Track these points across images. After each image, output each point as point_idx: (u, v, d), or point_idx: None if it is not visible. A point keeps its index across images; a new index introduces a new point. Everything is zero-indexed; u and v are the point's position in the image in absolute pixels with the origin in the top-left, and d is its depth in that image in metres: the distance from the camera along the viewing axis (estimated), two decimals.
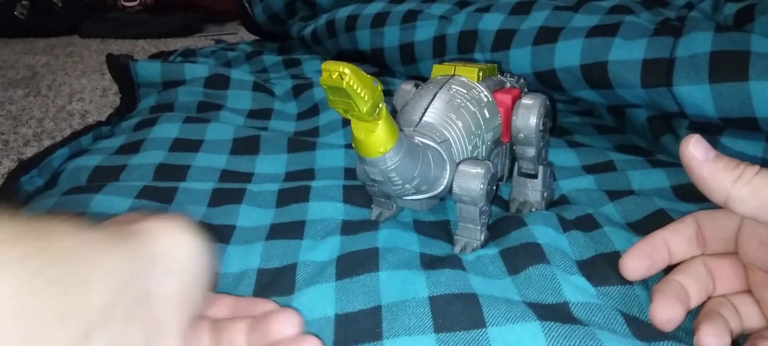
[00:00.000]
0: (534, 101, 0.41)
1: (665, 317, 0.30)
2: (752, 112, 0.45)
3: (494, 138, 0.41)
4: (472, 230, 0.38)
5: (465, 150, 0.37)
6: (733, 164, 0.28)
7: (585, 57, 0.56)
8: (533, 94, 0.42)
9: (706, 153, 0.28)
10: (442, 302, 0.31)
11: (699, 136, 0.29)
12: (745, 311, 0.30)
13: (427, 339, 0.29)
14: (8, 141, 0.75)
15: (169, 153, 0.55)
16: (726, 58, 0.47)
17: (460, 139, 0.37)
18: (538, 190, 0.44)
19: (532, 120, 0.41)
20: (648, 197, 0.44)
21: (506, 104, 0.42)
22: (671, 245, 0.33)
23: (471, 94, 0.39)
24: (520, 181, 0.44)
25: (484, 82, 0.41)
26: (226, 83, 0.72)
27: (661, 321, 0.30)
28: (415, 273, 0.34)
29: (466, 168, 0.36)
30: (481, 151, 0.39)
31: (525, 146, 0.42)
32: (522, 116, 0.42)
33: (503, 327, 0.29)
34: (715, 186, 0.28)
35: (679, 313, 0.30)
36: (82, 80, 1.08)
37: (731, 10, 0.57)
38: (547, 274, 0.34)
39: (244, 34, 1.34)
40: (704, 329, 0.28)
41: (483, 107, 0.39)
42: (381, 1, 0.83)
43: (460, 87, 0.39)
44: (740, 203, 0.27)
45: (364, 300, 0.32)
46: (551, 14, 0.63)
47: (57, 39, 1.56)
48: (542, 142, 0.43)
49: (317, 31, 0.92)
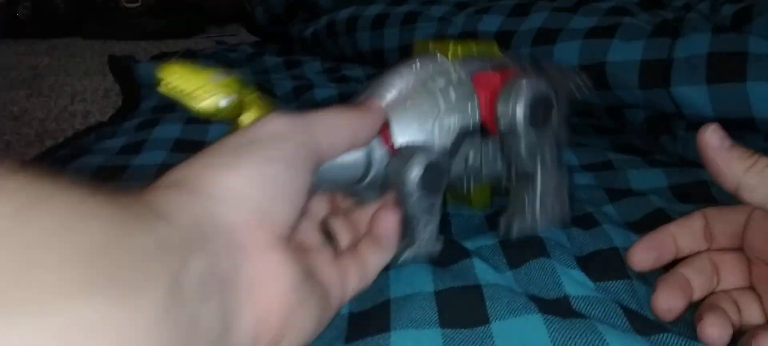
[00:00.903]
0: (523, 83, 0.34)
1: (666, 306, 0.30)
2: (750, 113, 0.46)
3: (461, 123, 0.34)
4: (411, 227, 0.33)
5: (411, 134, 0.32)
6: (747, 154, 0.29)
7: (583, 58, 0.56)
8: (526, 75, 0.35)
9: (722, 141, 0.29)
10: (447, 296, 0.31)
11: (717, 126, 0.30)
12: (746, 307, 0.31)
13: (433, 332, 0.29)
14: (10, 142, 0.75)
15: (171, 154, 0.55)
16: (724, 59, 0.47)
17: (407, 121, 0.32)
18: (535, 197, 0.36)
19: (516, 106, 0.34)
20: (646, 197, 0.44)
21: (491, 86, 0.35)
22: (678, 239, 0.33)
23: (438, 72, 0.34)
24: (518, 186, 0.37)
25: (465, 60, 0.35)
26: None
27: (661, 310, 0.30)
28: (422, 268, 0.34)
29: (402, 150, 0.32)
30: (436, 137, 0.33)
31: (511, 140, 0.35)
32: (503, 100, 0.34)
33: (506, 321, 0.29)
34: (728, 173, 0.29)
35: (680, 304, 0.30)
36: (84, 81, 1.08)
37: (729, 12, 0.57)
38: (547, 267, 0.34)
39: (245, 35, 1.35)
40: (707, 319, 0.29)
41: (448, 88, 0.34)
42: (381, 3, 0.84)
43: (427, 63, 0.34)
44: (750, 191, 0.28)
45: (373, 297, 0.33)
46: (550, 15, 0.63)
47: (59, 40, 1.57)
48: (538, 138, 0.35)
49: (318, 32, 0.92)
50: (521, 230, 0.36)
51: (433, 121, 0.33)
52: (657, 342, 0.28)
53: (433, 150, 0.32)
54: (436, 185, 0.32)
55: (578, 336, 0.28)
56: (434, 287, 0.32)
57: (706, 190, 0.46)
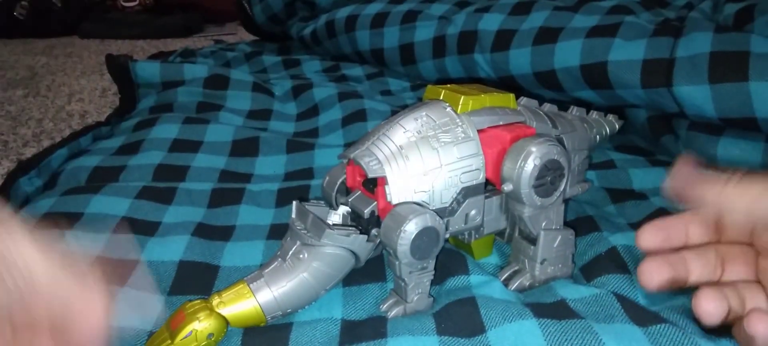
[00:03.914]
0: (532, 147, 0.32)
1: (648, 274, 0.30)
2: (752, 112, 0.45)
3: (463, 181, 0.32)
4: (402, 287, 0.32)
5: (409, 192, 0.31)
6: (711, 182, 0.29)
7: (585, 57, 0.56)
8: (539, 138, 0.33)
9: (688, 179, 0.30)
10: (444, 306, 0.31)
11: (681, 166, 0.30)
12: (751, 297, 0.30)
13: (430, 340, 0.29)
14: (7, 142, 0.75)
15: (169, 154, 0.54)
16: (726, 58, 0.47)
17: (405, 179, 0.31)
18: (536, 260, 0.34)
19: (522, 172, 0.31)
20: (648, 200, 0.44)
21: (499, 144, 0.33)
22: (690, 227, 0.33)
23: (443, 126, 0.32)
24: (519, 243, 0.35)
25: (475, 112, 0.33)
26: (226, 84, 0.72)
27: (644, 277, 0.30)
28: None
29: (396, 212, 0.30)
30: (435, 195, 0.31)
31: (516, 203, 0.33)
32: (510, 162, 0.32)
33: (502, 328, 0.29)
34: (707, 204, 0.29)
35: (665, 274, 0.30)
36: (81, 81, 1.07)
37: (731, 11, 0.57)
38: None
39: (244, 34, 1.34)
40: (704, 291, 0.28)
41: (452, 144, 0.32)
42: (381, 2, 0.83)
43: (433, 116, 0.32)
44: (731, 213, 0.29)
45: (370, 309, 0.33)
46: (551, 14, 0.63)
47: (56, 39, 1.56)
48: (543, 202, 0.33)
49: (317, 31, 0.92)
50: (520, 287, 0.35)
51: (433, 179, 0.31)
52: (654, 333, 0.28)
53: (428, 211, 0.30)
54: (428, 251, 0.30)
55: (574, 338, 0.28)
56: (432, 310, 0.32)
57: None
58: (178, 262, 0.37)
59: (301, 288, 0.31)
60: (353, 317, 0.32)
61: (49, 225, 0.40)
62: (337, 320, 0.32)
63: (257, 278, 0.30)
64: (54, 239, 0.22)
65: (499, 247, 0.39)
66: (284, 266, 0.31)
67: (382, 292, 0.34)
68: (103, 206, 0.43)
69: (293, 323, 0.31)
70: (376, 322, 0.31)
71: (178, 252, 0.38)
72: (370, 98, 0.66)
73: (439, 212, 0.31)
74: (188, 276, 0.36)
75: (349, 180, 0.34)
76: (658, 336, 0.28)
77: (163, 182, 0.49)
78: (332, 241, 0.31)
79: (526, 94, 0.43)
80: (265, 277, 0.30)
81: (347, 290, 0.35)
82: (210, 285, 0.36)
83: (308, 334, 0.30)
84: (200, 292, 0.35)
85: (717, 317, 0.28)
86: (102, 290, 0.22)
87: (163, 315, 0.33)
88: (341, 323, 0.32)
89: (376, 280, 0.35)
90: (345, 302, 0.34)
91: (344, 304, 0.33)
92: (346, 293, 0.34)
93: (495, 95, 0.34)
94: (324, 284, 0.31)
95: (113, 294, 0.24)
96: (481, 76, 0.68)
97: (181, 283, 0.36)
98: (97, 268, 0.22)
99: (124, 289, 0.34)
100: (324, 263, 0.31)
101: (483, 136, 0.33)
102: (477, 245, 0.37)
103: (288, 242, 0.32)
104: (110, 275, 0.23)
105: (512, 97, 0.35)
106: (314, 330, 0.31)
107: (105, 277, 0.22)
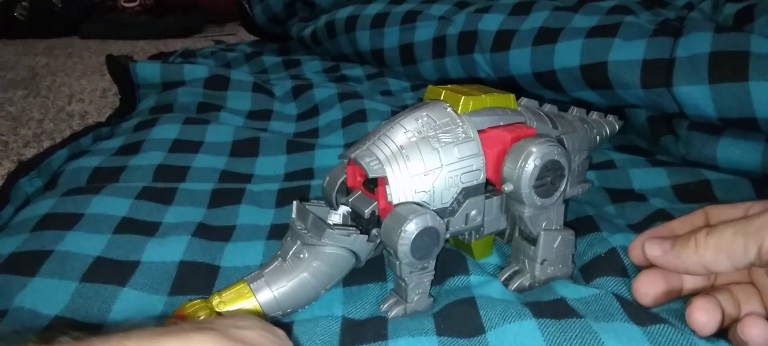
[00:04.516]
0: (532, 148, 0.32)
1: (643, 290, 0.31)
2: (752, 112, 0.45)
3: (463, 182, 0.32)
4: (402, 287, 0.32)
5: (409, 192, 0.31)
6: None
7: (585, 57, 0.56)
8: (539, 138, 0.33)
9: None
10: (444, 307, 0.31)
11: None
12: (746, 300, 0.31)
13: (429, 341, 0.29)
14: (8, 142, 0.75)
15: (169, 154, 0.55)
16: (726, 58, 0.47)
17: (405, 179, 0.31)
18: (535, 261, 0.34)
19: (523, 172, 0.32)
20: (648, 201, 0.44)
21: (500, 145, 0.33)
22: (679, 234, 0.33)
23: (443, 126, 0.32)
24: (519, 243, 0.35)
25: (476, 113, 0.33)
26: (226, 84, 0.72)
27: (638, 293, 0.32)
28: None
29: (396, 212, 0.30)
30: (435, 196, 0.31)
31: (516, 203, 0.34)
32: (510, 162, 0.32)
33: (501, 329, 0.29)
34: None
35: (659, 288, 0.31)
36: (81, 81, 1.08)
37: (731, 11, 0.57)
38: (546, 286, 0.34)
39: (244, 34, 1.34)
40: (696, 303, 0.29)
41: (453, 144, 0.32)
42: (381, 2, 0.83)
43: (434, 116, 0.32)
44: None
45: (370, 309, 0.33)
46: (551, 15, 0.63)
47: (57, 40, 1.56)
48: (544, 202, 0.33)
49: (317, 31, 0.92)
50: (520, 288, 0.35)
51: (434, 179, 0.31)
52: (653, 333, 0.28)
53: (429, 211, 0.30)
54: (428, 251, 0.30)
55: (574, 337, 0.28)
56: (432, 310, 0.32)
57: (708, 189, 0.46)
58: (179, 262, 0.37)
59: (301, 288, 0.31)
60: (354, 315, 0.32)
61: (49, 225, 0.41)
62: (337, 318, 0.32)
63: (257, 277, 0.30)
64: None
65: (499, 247, 0.39)
66: (284, 266, 0.31)
67: (383, 292, 0.34)
68: (104, 206, 0.43)
69: (294, 322, 0.31)
70: (376, 322, 0.31)
71: (179, 252, 0.38)
72: (371, 99, 0.66)
73: (439, 212, 0.31)
74: (188, 276, 0.36)
75: (349, 180, 0.34)
76: (657, 336, 0.28)
77: (164, 183, 0.49)
78: (333, 241, 0.31)
79: (526, 94, 0.43)
80: (265, 277, 0.30)
81: (347, 290, 0.35)
82: (210, 285, 0.36)
83: (309, 331, 0.30)
84: (201, 292, 0.35)
85: (710, 329, 0.29)
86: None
87: (163, 315, 0.33)
88: (342, 321, 0.32)
89: (377, 280, 0.36)
90: (345, 301, 0.34)
91: (344, 304, 0.33)
92: (346, 293, 0.34)
93: (495, 95, 0.34)
94: (324, 284, 0.31)
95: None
96: (481, 76, 0.68)
97: (181, 283, 0.36)
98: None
99: (124, 289, 0.34)
100: (324, 262, 0.31)
101: (483, 136, 0.33)
102: (477, 245, 0.37)
103: (288, 242, 0.32)
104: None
105: (513, 98, 0.35)
106: (315, 327, 0.31)
107: None
